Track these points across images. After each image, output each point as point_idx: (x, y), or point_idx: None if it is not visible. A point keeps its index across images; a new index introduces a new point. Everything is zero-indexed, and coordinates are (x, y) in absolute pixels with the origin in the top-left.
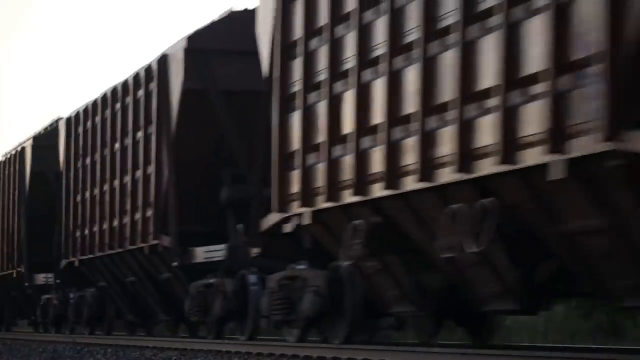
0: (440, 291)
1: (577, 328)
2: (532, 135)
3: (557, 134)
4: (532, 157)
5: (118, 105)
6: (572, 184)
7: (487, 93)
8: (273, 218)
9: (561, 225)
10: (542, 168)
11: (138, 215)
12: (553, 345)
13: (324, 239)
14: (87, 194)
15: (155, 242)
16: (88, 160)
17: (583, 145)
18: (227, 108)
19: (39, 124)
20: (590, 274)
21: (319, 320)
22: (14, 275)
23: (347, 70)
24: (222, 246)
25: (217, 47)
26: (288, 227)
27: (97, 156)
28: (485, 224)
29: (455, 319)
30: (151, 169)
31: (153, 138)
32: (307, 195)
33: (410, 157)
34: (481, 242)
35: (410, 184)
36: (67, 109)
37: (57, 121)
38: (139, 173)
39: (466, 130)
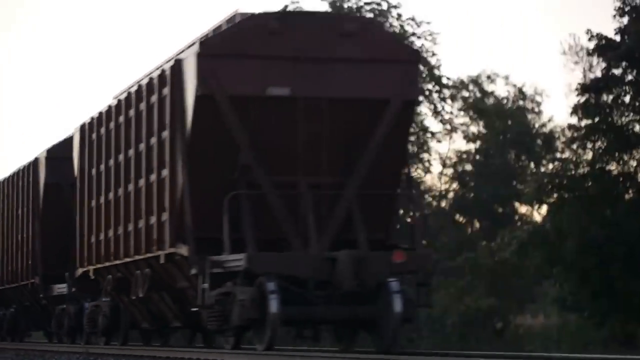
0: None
1: (591, 337)
2: (155, 246)
3: (160, 242)
4: (155, 250)
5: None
6: (170, 265)
7: (133, 218)
8: (79, 271)
9: (177, 284)
10: (158, 259)
11: (24, 264)
12: (567, 355)
13: (103, 284)
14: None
15: (32, 280)
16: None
17: (168, 248)
18: (73, 197)
19: None
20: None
21: (108, 332)
22: None
23: (99, 195)
24: (65, 285)
25: (67, 155)
26: (92, 275)
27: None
28: (144, 283)
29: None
30: (31, 235)
31: (30, 216)
32: (91, 259)
33: (120, 246)
34: (142, 292)
35: (122, 258)
36: None
37: None
38: (25, 235)
39: (137, 235)
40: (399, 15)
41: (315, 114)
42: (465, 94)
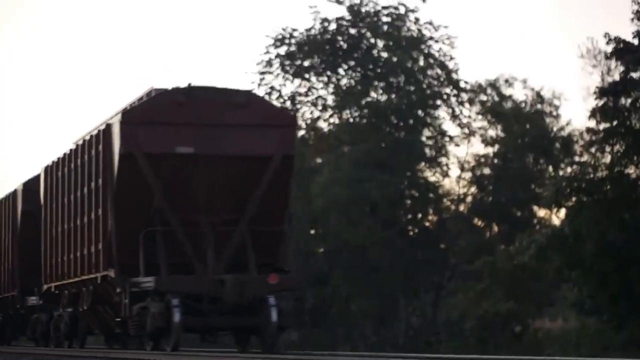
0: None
1: (610, 341)
2: (94, 269)
3: (97, 266)
4: (94, 272)
5: None
6: (105, 284)
7: (80, 246)
8: (44, 286)
9: (113, 299)
10: (97, 279)
11: (7, 278)
12: (585, 359)
13: (62, 298)
14: None
15: (12, 293)
16: None
17: (102, 272)
18: None
19: None
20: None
21: (70, 337)
22: None
23: (57, 226)
24: (35, 297)
25: (39, 188)
26: (54, 290)
27: None
28: (88, 297)
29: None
30: (11, 254)
31: (11, 238)
32: (52, 277)
33: (72, 268)
34: (87, 305)
35: (73, 278)
36: None
37: None
38: (7, 254)
39: (83, 259)
40: (417, 20)
41: (213, 167)
42: (483, 97)
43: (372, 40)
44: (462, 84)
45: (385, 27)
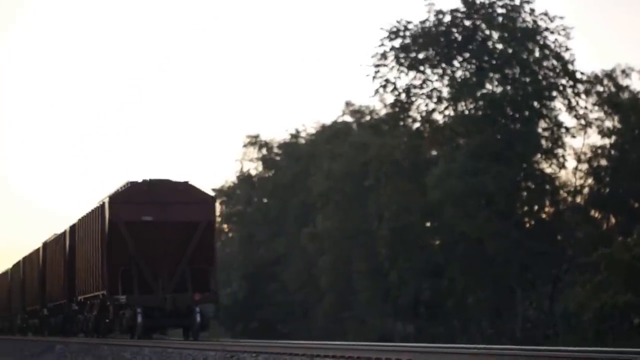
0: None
1: None
2: (97, 289)
3: (99, 287)
4: (98, 291)
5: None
6: (104, 299)
7: (91, 273)
8: (78, 297)
9: (107, 308)
10: (99, 295)
11: (60, 291)
12: None
13: (86, 305)
14: None
15: (63, 301)
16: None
17: (101, 291)
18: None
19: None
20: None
21: (97, 331)
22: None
23: (83, 258)
24: (74, 304)
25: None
26: (82, 300)
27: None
28: (97, 306)
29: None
30: (63, 274)
31: (62, 264)
32: (81, 291)
33: (89, 286)
34: (96, 311)
35: (89, 293)
36: None
37: None
38: (61, 274)
39: (93, 282)
40: (532, 11)
41: (165, 229)
42: (600, 88)
43: (487, 32)
44: (578, 75)
45: (500, 19)
